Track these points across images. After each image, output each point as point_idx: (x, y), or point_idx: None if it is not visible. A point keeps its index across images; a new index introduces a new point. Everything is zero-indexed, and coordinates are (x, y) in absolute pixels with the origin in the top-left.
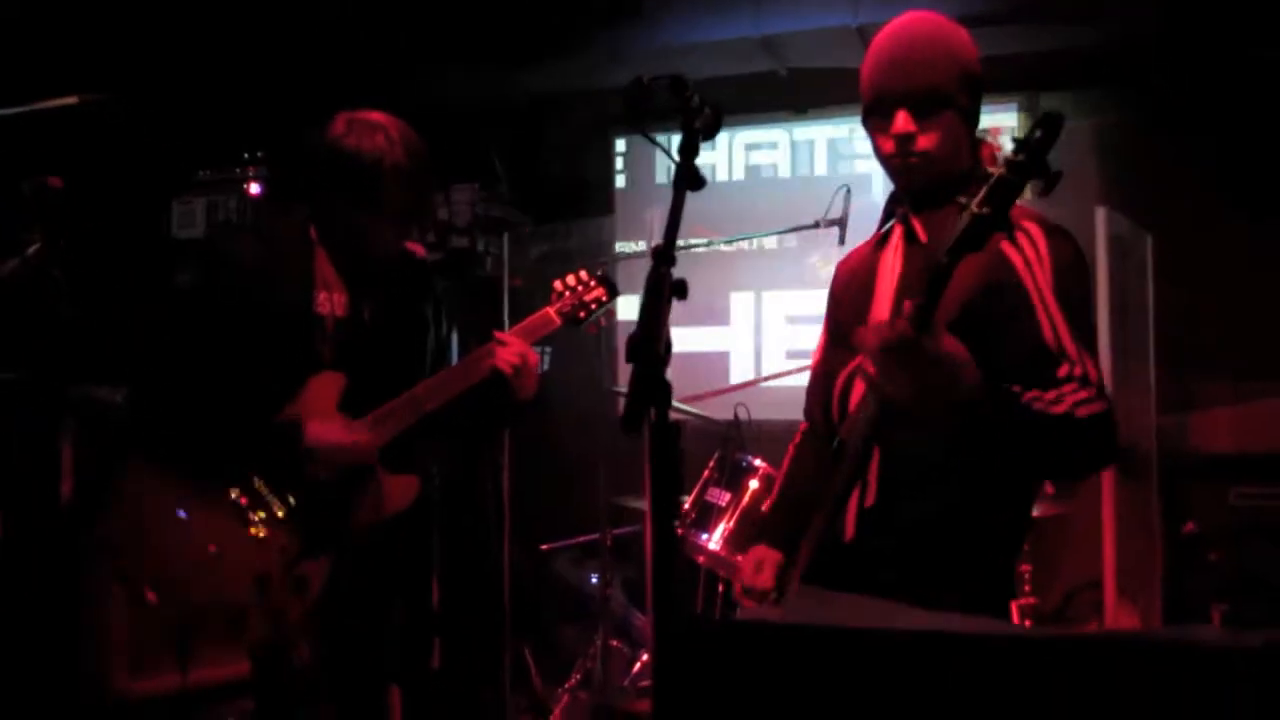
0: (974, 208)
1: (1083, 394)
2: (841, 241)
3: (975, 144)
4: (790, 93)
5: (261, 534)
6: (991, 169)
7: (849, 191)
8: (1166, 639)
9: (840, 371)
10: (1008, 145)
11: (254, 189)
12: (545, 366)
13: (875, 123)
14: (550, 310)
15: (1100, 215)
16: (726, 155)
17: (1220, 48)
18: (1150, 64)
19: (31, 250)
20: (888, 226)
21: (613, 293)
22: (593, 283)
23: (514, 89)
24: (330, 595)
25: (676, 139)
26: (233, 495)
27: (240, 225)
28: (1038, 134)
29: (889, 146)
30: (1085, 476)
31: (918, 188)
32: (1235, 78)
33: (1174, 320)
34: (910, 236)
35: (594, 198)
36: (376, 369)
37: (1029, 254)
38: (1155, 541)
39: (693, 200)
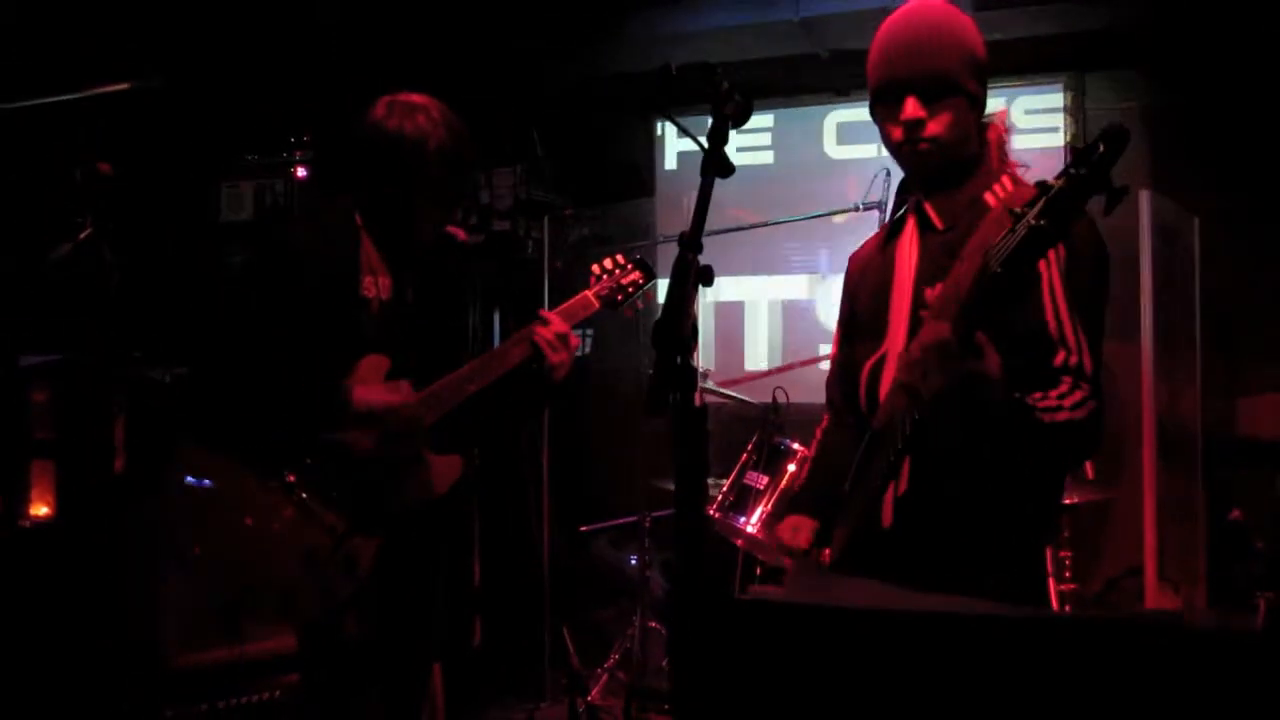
0: (1031, 220)
1: (1076, 394)
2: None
3: (982, 129)
4: (830, 75)
5: (312, 512)
6: (1007, 172)
7: (889, 174)
8: (1162, 621)
9: (865, 362)
10: (1020, 123)
11: (300, 173)
12: (586, 350)
13: (884, 110)
14: (589, 293)
15: (1144, 199)
16: (769, 138)
17: (1265, 27)
18: (1194, 44)
19: (83, 234)
20: (899, 215)
21: (649, 276)
22: (630, 266)
23: (556, 73)
24: (379, 574)
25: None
26: (284, 474)
27: (290, 211)
28: (1101, 148)
29: (898, 133)
30: (1069, 472)
31: (928, 174)
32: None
33: (1221, 305)
34: (924, 223)
35: (635, 181)
36: (421, 351)
37: None
38: (1199, 528)
39: (733, 184)
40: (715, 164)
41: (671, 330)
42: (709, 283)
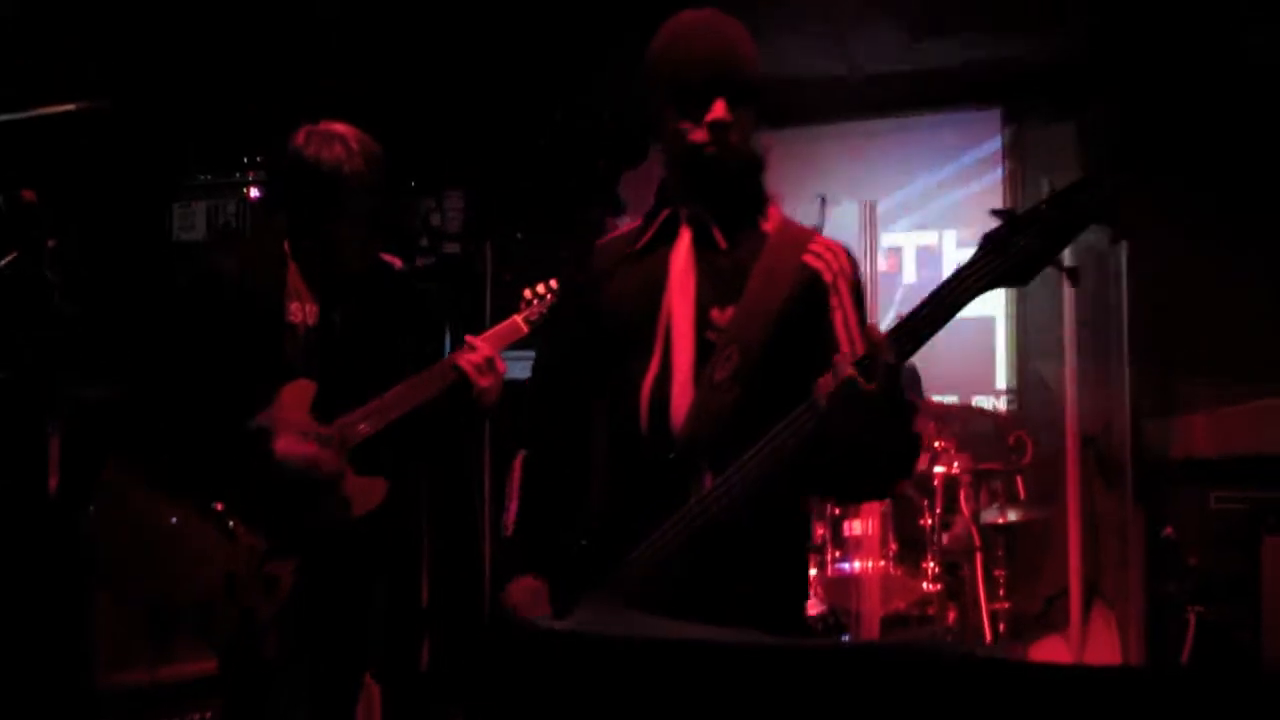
0: (1027, 242)
1: None
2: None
3: (762, 155)
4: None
5: (232, 533)
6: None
7: (824, 200)
8: (875, 648)
9: (640, 380)
10: (958, 149)
11: (253, 193)
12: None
13: (684, 110)
14: (518, 318)
15: None
16: None
17: (1191, 46)
18: (1129, 70)
19: (5, 260)
20: (664, 225)
21: None
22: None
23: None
24: (301, 595)
25: None
26: (205, 495)
27: (228, 237)
28: (1107, 182)
29: (701, 135)
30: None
31: (723, 181)
32: (1210, 76)
33: (1150, 324)
34: (704, 240)
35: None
36: (348, 376)
37: (833, 265)
38: (1132, 546)
39: None
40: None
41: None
42: None
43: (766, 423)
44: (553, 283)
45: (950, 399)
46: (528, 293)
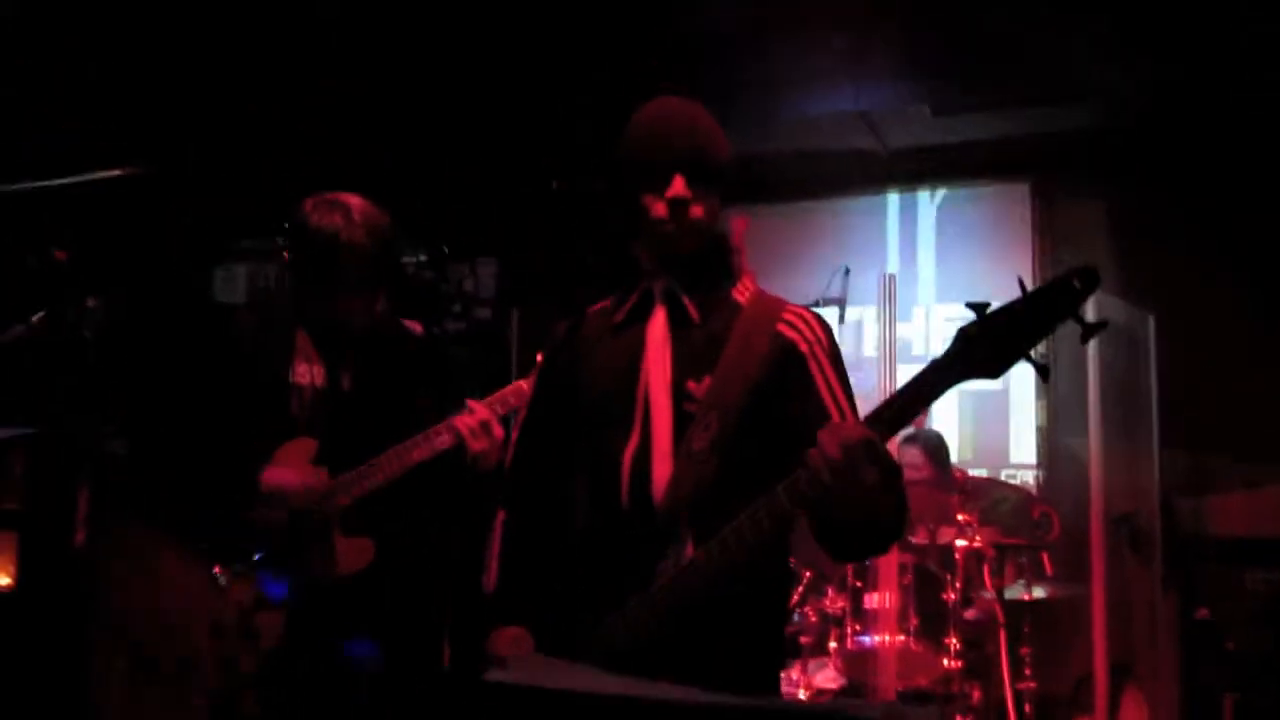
0: (996, 340)
1: None
2: (841, 320)
3: (726, 233)
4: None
5: (223, 584)
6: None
7: (848, 272)
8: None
9: (621, 452)
10: (987, 222)
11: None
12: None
13: (645, 186)
14: (523, 382)
15: (1089, 300)
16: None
17: (1219, 122)
18: (1159, 146)
19: (35, 318)
20: (638, 301)
21: None
22: None
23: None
24: (285, 651)
25: None
26: (203, 547)
27: (248, 301)
28: (1076, 284)
29: (661, 209)
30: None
31: (683, 258)
32: (1237, 151)
33: (1181, 402)
34: (678, 315)
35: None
36: (352, 436)
37: (807, 334)
38: (1163, 627)
39: None
40: None
41: None
42: None
43: (746, 489)
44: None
45: (978, 472)
46: (540, 357)
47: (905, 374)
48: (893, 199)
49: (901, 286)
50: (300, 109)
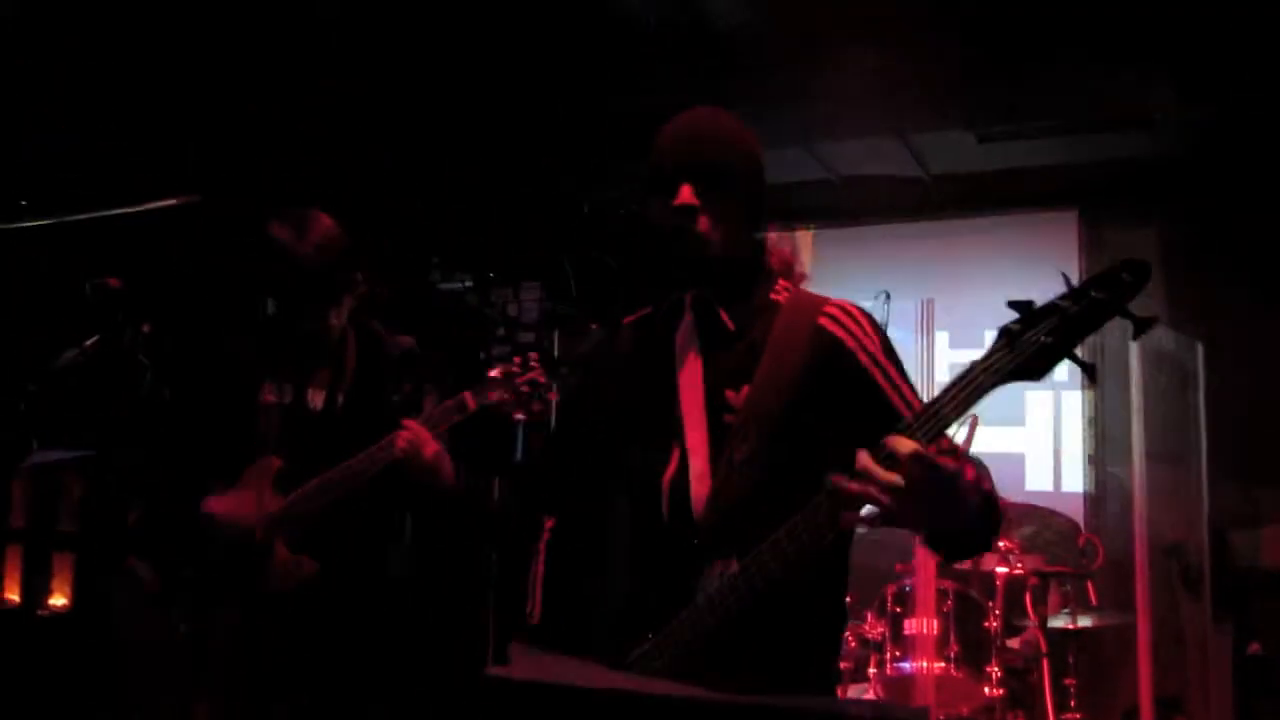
0: (1041, 337)
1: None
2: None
3: (760, 240)
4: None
5: (173, 597)
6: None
7: (889, 296)
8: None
9: (662, 468)
10: (1033, 251)
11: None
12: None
13: (659, 196)
14: (467, 394)
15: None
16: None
17: (1269, 149)
18: (1195, 172)
19: (89, 343)
20: (667, 311)
21: (551, 374)
22: (533, 364)
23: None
24: (228, 662)
25: None
26: (155, 557)
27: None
28: (1125, 278)
29: (669, 219)
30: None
31: (699, 268)
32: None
33: (1231, 431)
34: (710, 324)
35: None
36: (318, 455)
37: (853, 329)
38: (1215, 661)
39: None
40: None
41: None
42: None
43: (790, 499)
44: (534, 356)
45: (1020, 497)
46: (499, 369)
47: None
48: (936, 225)
49: (942, 313)
50: (300, 109)
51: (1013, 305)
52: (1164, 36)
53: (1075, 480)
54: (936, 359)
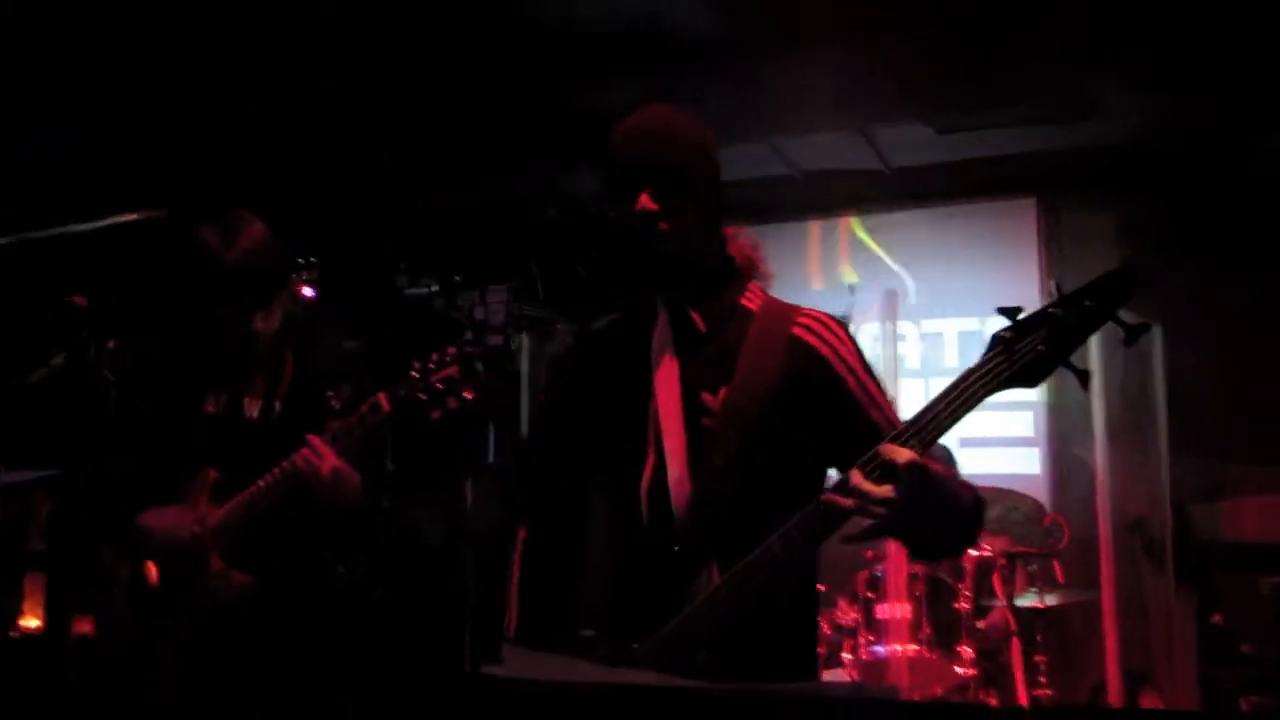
0: (1038, 346)
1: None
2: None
3: (723, 238)
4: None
5: (120, 613)
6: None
7: (853, 289)
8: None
9: (639, 472)
10: (992, 240)
11: (307, 292)
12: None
13: (619, 202)
14: (382, 395)
15: None
16: None
17: (1224, 134)
18: (1152, 158)
19: (56, 360)
20: (636, 318)
21: (469, 370)
22: (451, 358)
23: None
24: (168, 675)
25: None
26: (104, 574)
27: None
28: (1116, 285)
29: (631, 224)
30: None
31: (666, 274)
32: (1241, 162)
33: (1190, 409)
34: (684, 328)
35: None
36: (258, 463)
37: (829, 339)
38: (1179, 633)
39: None
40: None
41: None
42: None
43: (771, 503)
44: (451, 350)
45: (985, 481)
46: (417, 365)
47: (906, 389)
48: (897, 216)
49: (905, 303)
50: (300, 109)
51: (1002, 311)
52: (1115, 29)
53: (1039, 462)
54: (900, 350)
